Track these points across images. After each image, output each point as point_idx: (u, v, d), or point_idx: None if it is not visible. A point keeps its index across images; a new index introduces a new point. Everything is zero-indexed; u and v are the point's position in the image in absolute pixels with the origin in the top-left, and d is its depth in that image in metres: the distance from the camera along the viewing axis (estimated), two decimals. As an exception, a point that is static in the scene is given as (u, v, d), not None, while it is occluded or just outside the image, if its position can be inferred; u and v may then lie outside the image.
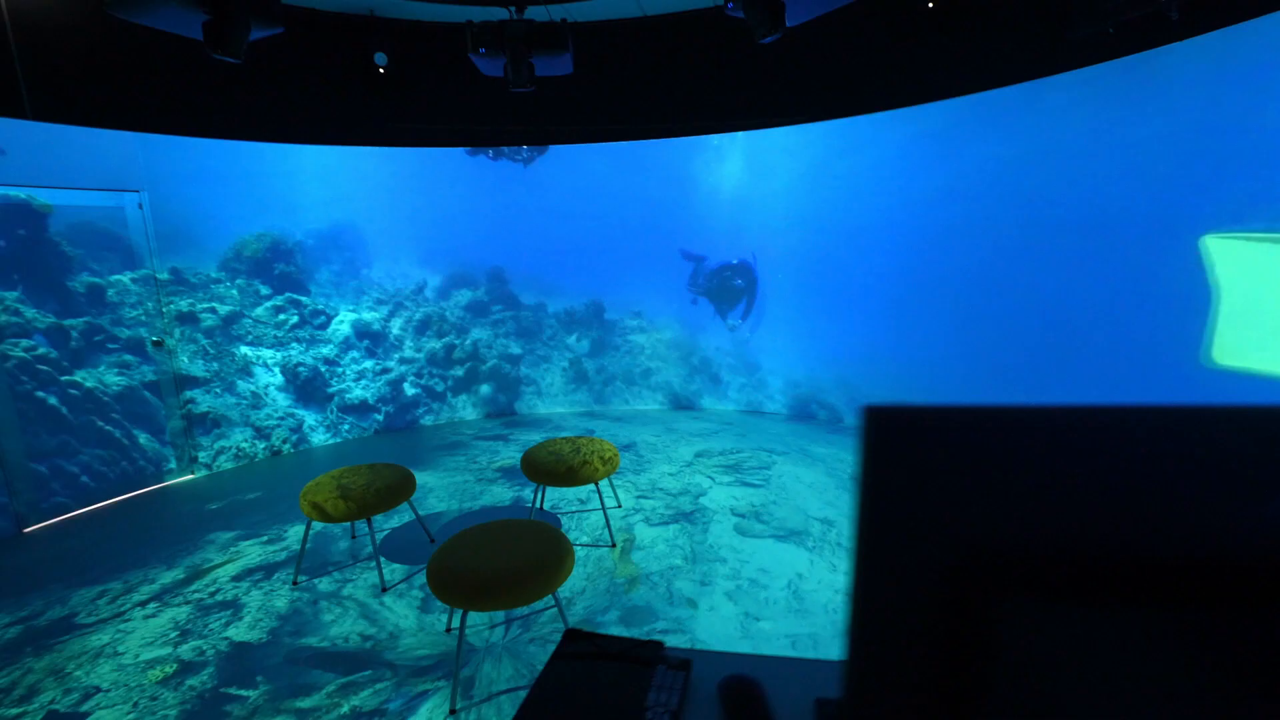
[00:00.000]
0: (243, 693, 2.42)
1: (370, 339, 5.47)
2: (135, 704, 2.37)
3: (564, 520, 3.83)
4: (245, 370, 4.90)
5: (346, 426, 5.46)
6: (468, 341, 5.84)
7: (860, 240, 5.12)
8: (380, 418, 5.60)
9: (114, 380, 4.27)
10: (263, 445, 5.02)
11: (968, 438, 0.42)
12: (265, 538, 3.72)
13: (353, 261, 5.34)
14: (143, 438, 4.44)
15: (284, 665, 2.57)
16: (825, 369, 5.58)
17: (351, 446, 5.33)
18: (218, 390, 4.77)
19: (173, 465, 4.62)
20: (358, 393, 5.45)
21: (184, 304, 4.57)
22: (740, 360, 5.97)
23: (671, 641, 2.64)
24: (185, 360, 4.60)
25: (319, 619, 2.89)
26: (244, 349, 4.89)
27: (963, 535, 0.42)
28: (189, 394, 4.64)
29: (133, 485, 4.42)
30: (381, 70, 4.99)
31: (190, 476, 4.71)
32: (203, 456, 4.75)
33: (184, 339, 4.59)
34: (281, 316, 5.03)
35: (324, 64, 5.01)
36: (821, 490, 4.12)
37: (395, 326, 5.59)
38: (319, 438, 5.34)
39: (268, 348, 5.00)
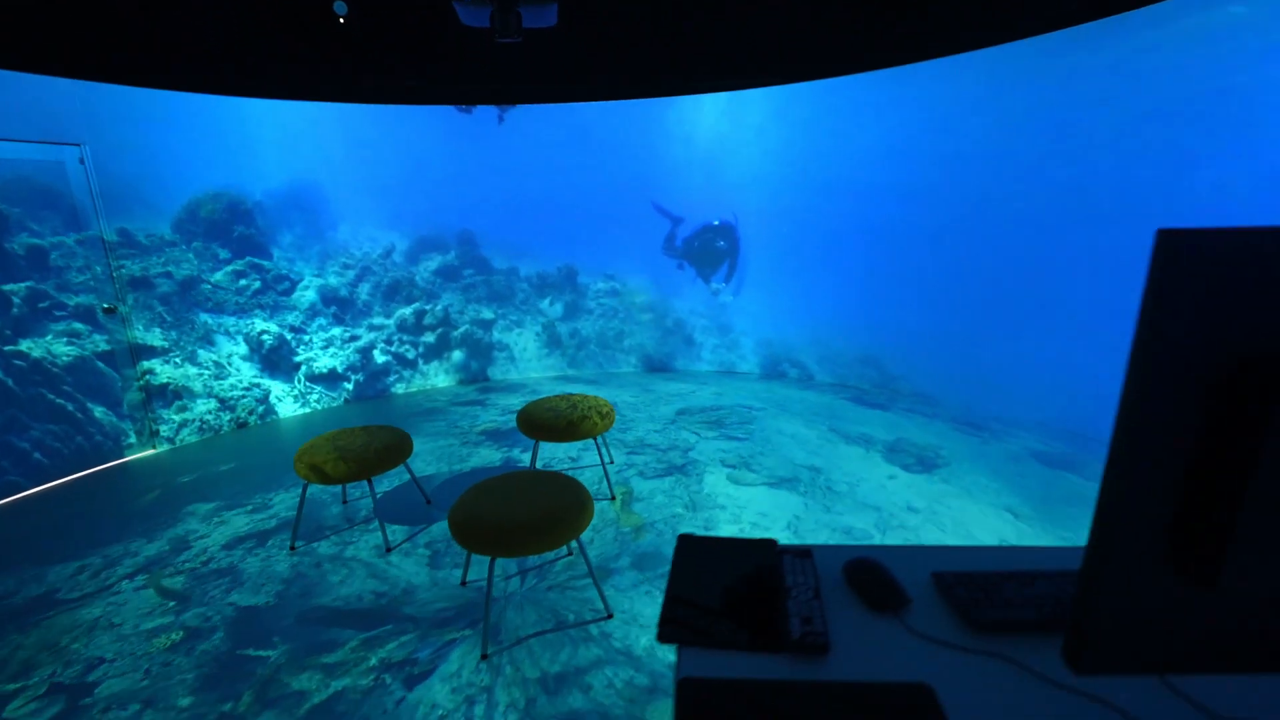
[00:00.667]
0: (261, 653, 2.38)
1: (338, 305, 5.28)
2: (147, 671, 2.30)
3: (586, 473, 3.86)
4: (206, 339, 4.65)
5: (315, 396, 5.28)
6: (438, 307, 5.71)
7: (830, 202, 5.27)
8: (350, 387, 5.44)
9: (64, 350, 3.98)
10: (228, 417, 4.80)
11: (1249, 257, 0.49)
12: (249, 507, 3.60)
13: (316, 224, 5.09)
14: (98, 411, 4.17)
15: (298, 625, 2.54)
16: (796, 329, 5.77)
17: (321, 417, 5.17)
18: (177, 360, 4.51)
19: (132, 440, 4.37)
20: (326, 361, 5.26)
21: (136, 268, 4.27)
22: (714, 322, 6.09)
23: None
24: (141, 329, 4.33)
25: (326, 580, 2.86)
26: (204, 316, 4.63)
27: (1238, 347, 0.50)
28: (146, 364, 4.37)
29: (90, 461, 4.16)
30: (341, 20, 4.71)
31: (152, 451, 4.47)
32: (164, 430, 4.51)
33: (138, 306, 4.30)
34: (243, 282, 4.78)
35: (280, 11, 4.69)
36: (804, 441, 4.31)
37: (363, 292, 5.40)
38: (287, 408, 5.15)
39: (229, 315, 4.75)
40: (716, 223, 5.78)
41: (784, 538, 3.07)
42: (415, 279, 5.59)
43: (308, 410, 5.27)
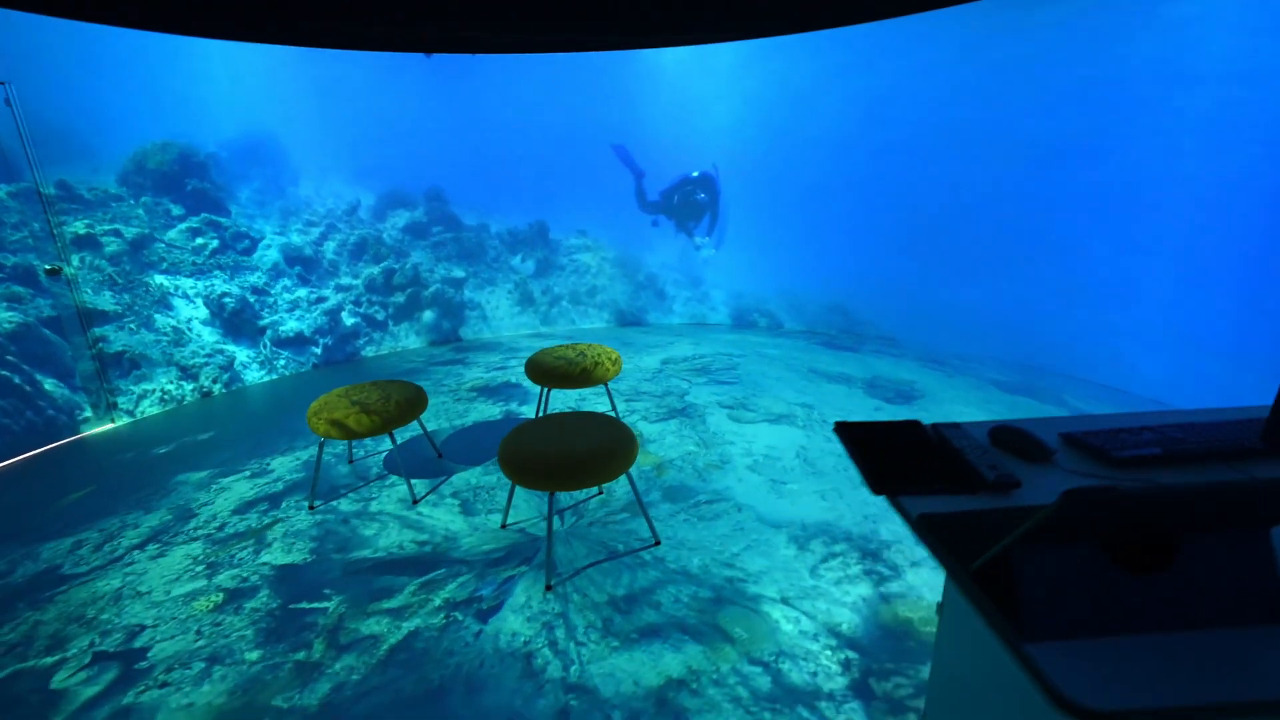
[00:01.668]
0: (318, 605, 2.37)
1: (302, 265, 4.99)
2: (198, 631, 2.24)
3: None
4: (163, 302, 4.31)
5: (282, 362, 5.02)
6: (408, 265, 5.51)
7: (798, 157, 5.47)
8: (319, 350, 5.20)
9: (3, 316, 3.60)
10: (190, 387, 4.50)
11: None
12: (247, 472, 3.46)
13: (276, 178, 4.76)
14: (49, 383, 3.82)
15: (346, 577, 2.53)
16: (765, 280, 5.99)
17: (290, 384, 4.93)
18: (132, 326, 4.17)
19: (88, 414, 4.04)
20: (292, 324, 5.00)
21: (80, 225, 3.88)
22: (685, 275, 6.22)
23: (719, 506, 2.95)
24: (90, 292, 3.96)
25: (359, 535, 2.83)
26: (159, 278, 4.28)
27: None
28: (99, 331, 4.02)
29: (43, 438, 3.82)
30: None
31: (111, 425, 4.14)
32: (123, 402, 4.18)
33: (85, 267, 3.93)
34: (199, 240, 4.44)
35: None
36: (790, 383, 4.56)
37: (329, 251, 5.14)
38: (253, 375, 4.87)
39: (186, 276, 4.41)
40: (695, 174, 5.80)
41: (796, 465, 3.30)
42: (383, 237, 5.36)
43: (274, 377, 5.00)
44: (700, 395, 4.36)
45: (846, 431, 1.25)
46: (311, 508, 3.06)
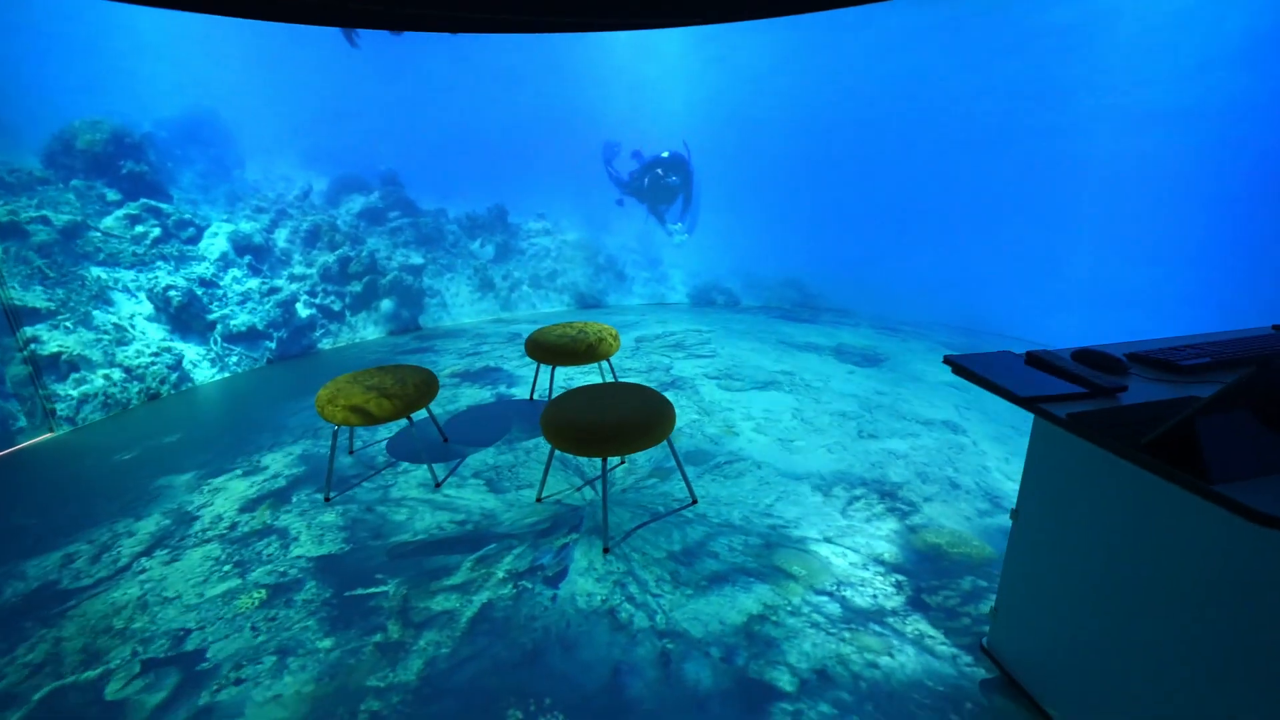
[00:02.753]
0: (375, 590, 2.33)
1: (253, 254, 4.65)
2: (254, 628, 2.15)
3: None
4: (101, 297, 3.90)
5: (235, 358, 4.67)
6: (364, 253, 5.26)
7: (750, 137, 5.72)
8: (273, 345, 4.88)
9: (-81, 317, 3.15)
10: (137, 389, 4.11)
11: None
12: (238, 471, 3.25)
13: (221, 160, 4.39)
14: (-24, 391, 3.39)
15: (394, 561, 2.49)
16: (721, 259, 6.24)
17: (244, 381, 4.60)
18: (68, 324, 3.75)
19: (23, 423, 3.61)
20: (244, 318, 4.66)
21: (1, 212, 3.45)
22: (644, 256, 6.34)
23: (739, 465, 3.15)
24: (16, 287, 3.53)
25: (390, 520, 2.77)
26: (96, 270, 3.87)
27: None
28: (30, 330, 3.59)
29: (-27, 454, 3.39)
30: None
31: (50, 434, 3.72)
32: (62, 409, 3.77)
33: (10, 258, 3.49)
34: (140, 228, 4.04)
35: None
36: (764, 353, 4.83)
37: (280, 238, 4.81)
38: (203, 374, 4.51)
39: (127, 268, 4.01)
40: (666, 155, 5.83)
41: (795, 424, 3.55)
42: (337, 223, 5.08)
43: (227, 375, 4.65)
44: (685, 369, 4.53)
45: (959, 363, 1.45)
46: (327, 499, 2.95)
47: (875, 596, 2.19)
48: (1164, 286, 4.10)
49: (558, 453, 3.32)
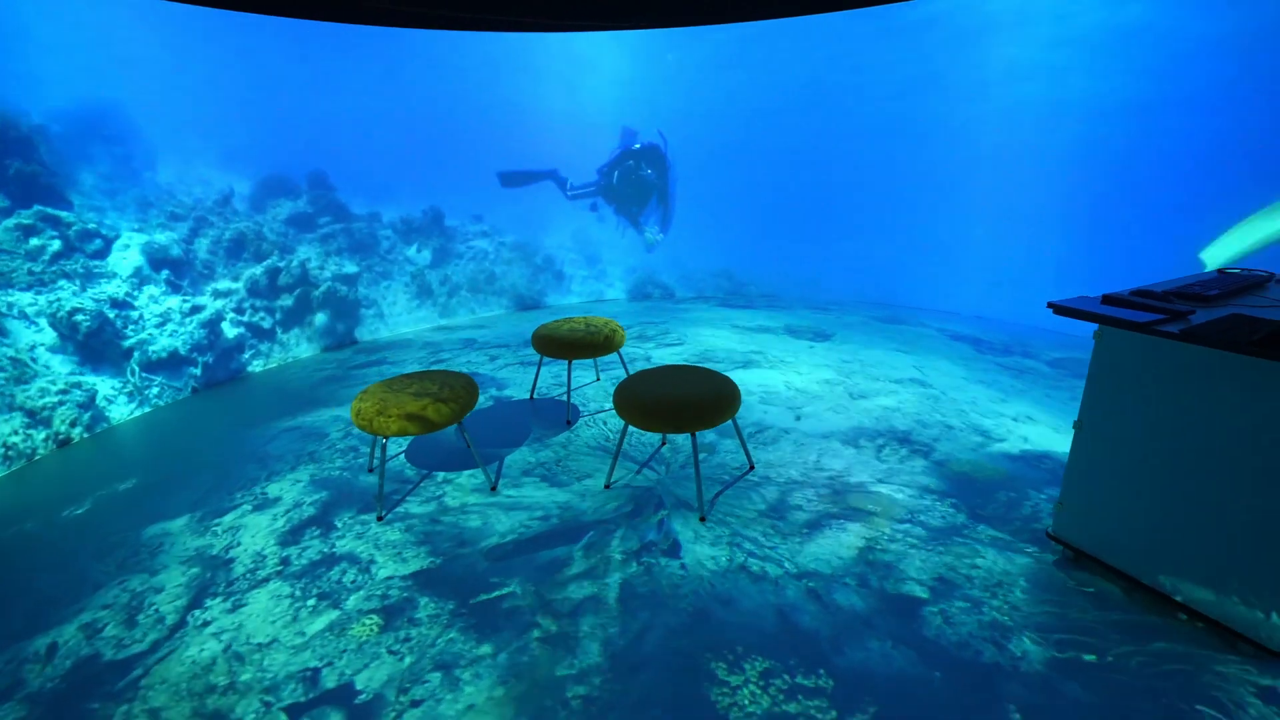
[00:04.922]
0: (499, 593, 2.27)
1: (171, 268, 4.02)
2: (390, 651, 2.01)
3: (575, 394, 3.97)
4: (-4, 326, 3.18)
5: (155, 390, 4.01)
6: (294, 263, 4.75)
7: (679, 137, 6.06)
8: (198, 371, 4.25)
9: None
10: (43, 435, 3.40)
11: None
12: (247, 506, 2.88)
13: (127, 160, 3.74)
14: None
15: (499, 563, 2.43)
16: (655, 253, 6.51)
17: (169, 415, 3.96)
18: (-44, 362, 3.02)
19: (-94, 492, 2.85)
20: (165, 342, 4.02)
21: None
22: (581, 254, 6.41)
23: (769, 433, 3.46)
24: (-112, 319, 2.78)
25: (466, 526, 2.67)
26: (-13, 293, 3.15)
27: None
28: (-91, 373, 2.85)
29: None
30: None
31: (-58, 503, 2.97)
32: (-46, 469, 3.03)
33: (-122, 283, 2.74)
34: (35, 241, 3.34)
35: None
36: (724, 337, 5.18)
37: (201, 249, 4.20)
38: (120, 411, 3.81)
39: (22, 289, 3.31)
40: (638, 145, 5.40)
41: (793, 395, 3.93)
42: (264, 231, 4.54)
43: (148, 409, 3.97)
44: (663, 357, 4.73)
45: (1067, 305, 1.86)
46: (380, 518, 2.75)
47: (943, 517, 2.59)
48: (1042, 261, 5.13)
49: (592, 443, 3.37)
